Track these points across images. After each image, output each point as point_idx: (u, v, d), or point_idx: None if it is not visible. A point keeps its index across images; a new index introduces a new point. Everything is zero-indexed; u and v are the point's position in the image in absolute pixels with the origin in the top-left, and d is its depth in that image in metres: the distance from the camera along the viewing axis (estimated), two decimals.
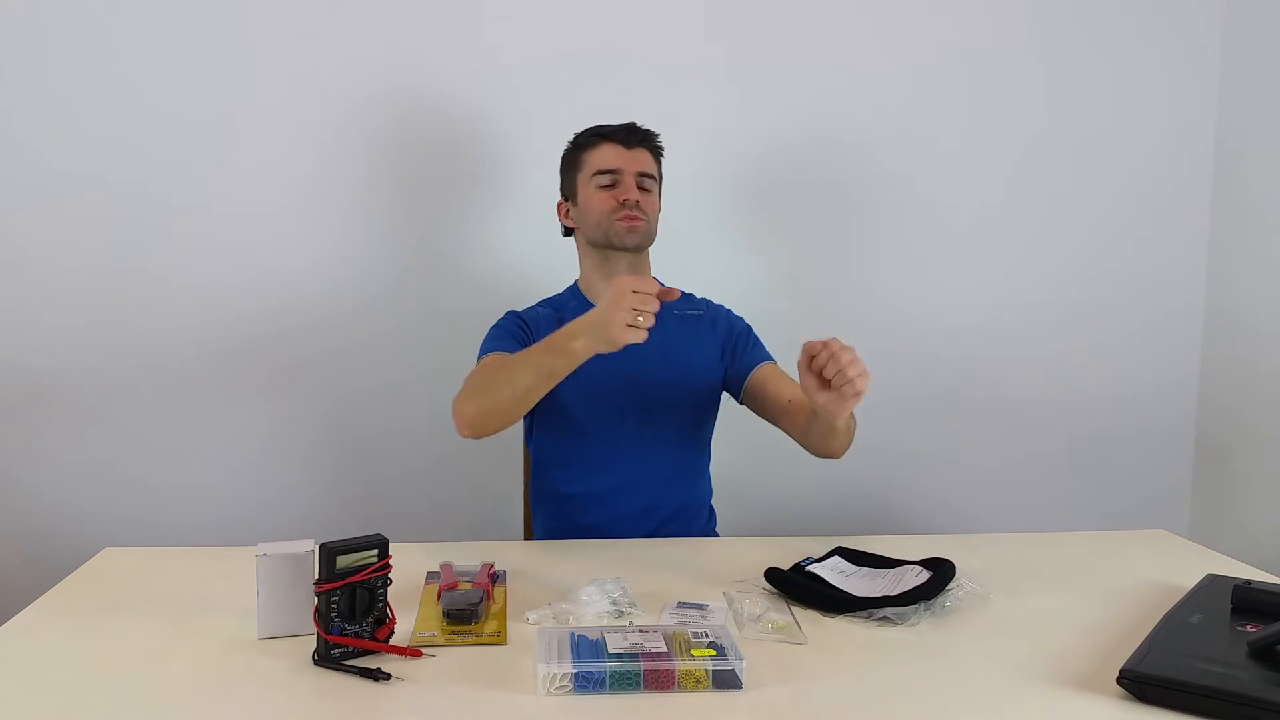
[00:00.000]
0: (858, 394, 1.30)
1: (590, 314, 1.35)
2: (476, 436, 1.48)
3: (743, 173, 2.25)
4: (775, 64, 2.23)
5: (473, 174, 2.19)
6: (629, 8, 2.18)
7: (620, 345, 1.31)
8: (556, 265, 1.86)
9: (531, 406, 1.46)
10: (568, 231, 1.77)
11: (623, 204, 1.63)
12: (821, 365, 1.32)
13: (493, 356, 1.57)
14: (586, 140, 1.70)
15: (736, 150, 2.24)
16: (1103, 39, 2.30)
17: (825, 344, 1.31)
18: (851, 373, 1.29)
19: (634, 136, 1.67)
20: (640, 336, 1.30)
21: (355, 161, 2.16)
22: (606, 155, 1.66)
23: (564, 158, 1.74)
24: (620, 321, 1.29)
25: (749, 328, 1.80)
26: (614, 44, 2.18)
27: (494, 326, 1.70)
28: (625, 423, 1.67)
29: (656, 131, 1.71)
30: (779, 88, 2.23)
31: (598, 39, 2.17)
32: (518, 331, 1.67)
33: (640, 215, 1.64)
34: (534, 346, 1.43)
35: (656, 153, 1.72)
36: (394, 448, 2.22)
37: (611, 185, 1.65)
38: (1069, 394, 2.39)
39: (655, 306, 1.30)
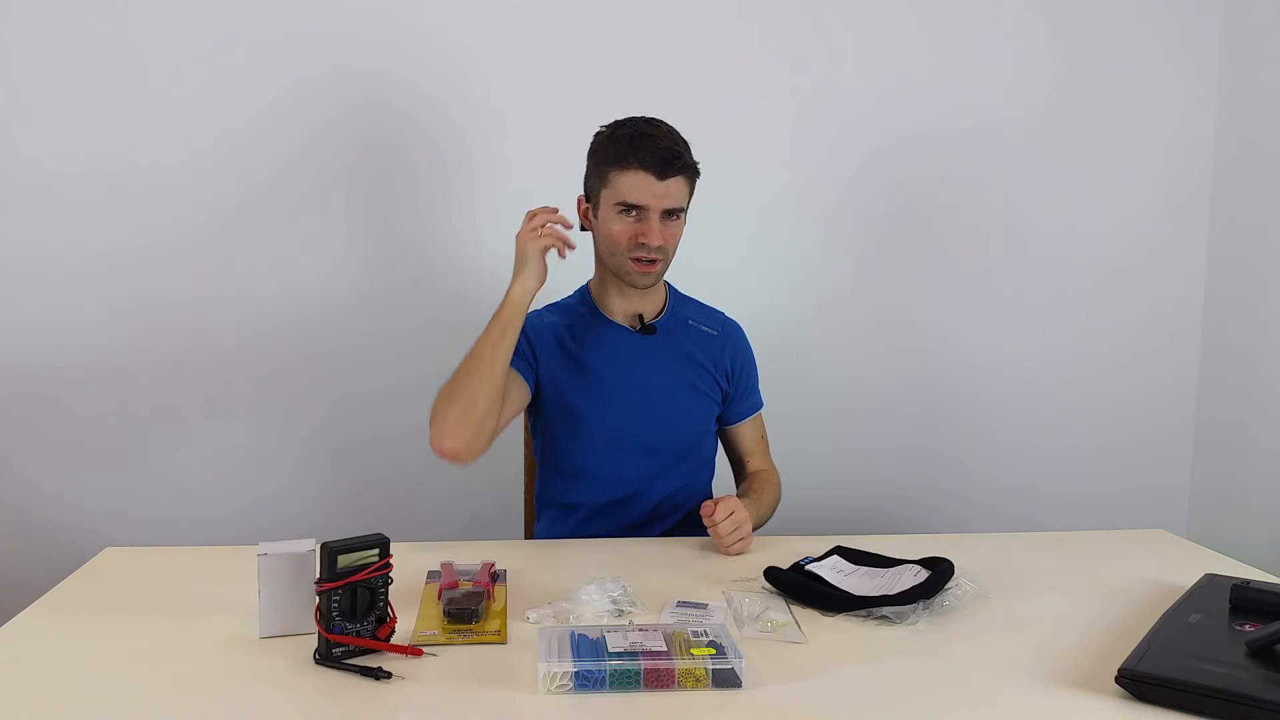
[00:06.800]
0: (735, 554, 1.48)
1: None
2: (463, 452, 1.48)
3: (746, 178, 2.25)
4: (781, 68, 2.23)
5: (476, 173, 2.19)
6: (631, 10, 2.18)
7: (537, 257, 1.48)
8: (564, 264, 1.74)
9: (502, 379, 1.50)
10: (585, 227, 1.64)
11: (641, 244, 1.53)
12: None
13: None
14: (617, 157, 1.53)
15: (739, 155, 2.24)
16: (1102, 41, 2.30)
17: (714, 511, 1.47)
18: (727, 542, 1.47)
19: (670, 167, 1.51)
20: (545, 240, 1.47)
21: (355, 163, 2.16)
22: (634, 187, 1.51)
23: (592, 154, 1.59)
24: (529, 238, 1.48)
25: (752, 365, 1.77)
26: (614, 46, 2.18)
27: None
28: (629, 437, 1.64)
29: (692, 154, 1.55)
30: (780, 92, 2.24)
31: (599, 40, 2.18)
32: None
33: (659, 258, 1.55)
34: None
35: (692, 177, 1.57)
36: (395, 447, 2.22)
37: (634, 218, 1.53)
38: (1067, 393, 2.39)
39: (558, 220, 1.49)
